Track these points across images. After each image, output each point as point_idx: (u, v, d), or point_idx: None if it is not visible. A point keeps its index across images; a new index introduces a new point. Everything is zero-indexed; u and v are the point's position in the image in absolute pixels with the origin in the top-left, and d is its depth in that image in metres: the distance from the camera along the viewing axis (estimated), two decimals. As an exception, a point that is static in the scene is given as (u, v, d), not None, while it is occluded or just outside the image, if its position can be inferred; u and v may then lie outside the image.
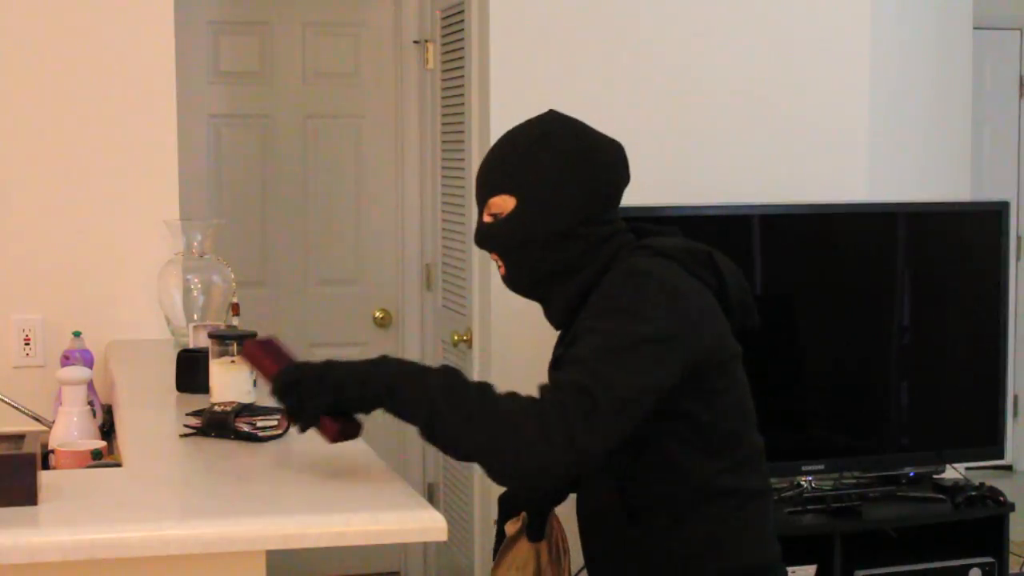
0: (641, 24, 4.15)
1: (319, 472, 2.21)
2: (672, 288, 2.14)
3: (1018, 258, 6.70)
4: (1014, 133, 6.93)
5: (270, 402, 2.55)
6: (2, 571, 1.81)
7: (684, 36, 4.19)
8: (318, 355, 5.33)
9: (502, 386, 2.18)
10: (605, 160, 2.28)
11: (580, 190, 2.24)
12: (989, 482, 4.04)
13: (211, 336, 2.70)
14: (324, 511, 1.94)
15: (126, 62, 3.61)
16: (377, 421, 5.31)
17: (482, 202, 2.31)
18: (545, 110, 2.42)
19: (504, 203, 2.27)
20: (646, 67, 4.15)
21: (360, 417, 2.10)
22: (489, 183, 2.29)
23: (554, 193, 2.24)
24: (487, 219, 2.31)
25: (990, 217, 4.09)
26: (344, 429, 2.06)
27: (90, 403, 2.73)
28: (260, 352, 2.14)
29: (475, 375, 4.16)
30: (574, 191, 2.24)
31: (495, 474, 2.03)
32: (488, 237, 2.31)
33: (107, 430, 2.92)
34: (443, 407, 1.99)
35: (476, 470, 4.16)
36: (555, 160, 2.25)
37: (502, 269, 2.33)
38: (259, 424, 2.35)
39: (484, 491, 4.12)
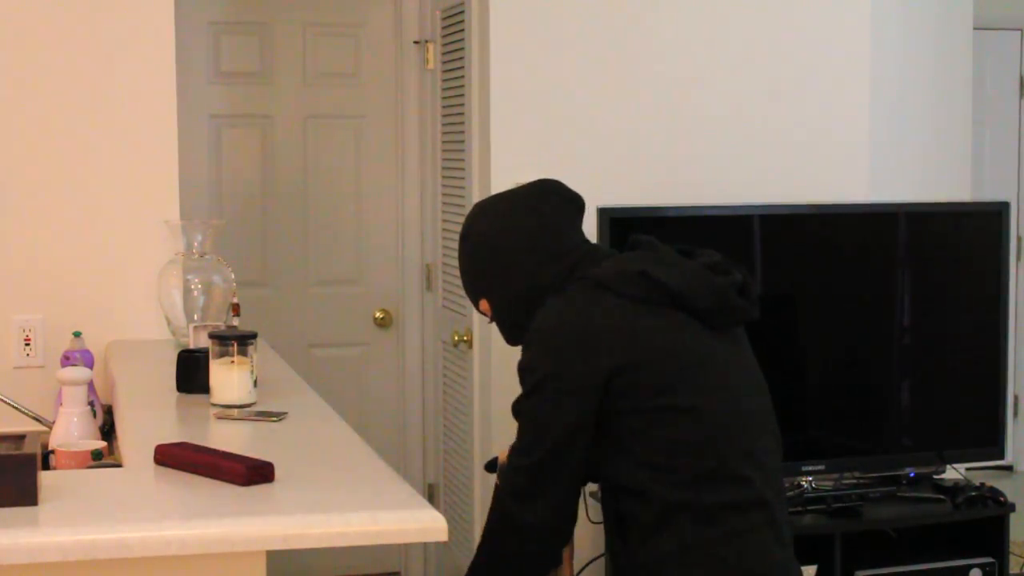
0: (641, 24, 4.15)
1: (319, 472, 2.21)
2: (551, 332, 2.31)
3: (1018, 258, 6.70)
4: (1014, 133, 6.93)
5: (271, 404, 2.56)
6: (2, 571, 1.81)
7: (684, 35, 4.19)
8: (318, 355, 5.34)
9: (502, 386, 2.21)
10: (531, 213, 2.44)
11: (521, 252, 2.43)
12: (989, 482, 4.04)
13: (211, 336, 2.71)
14: (324, 511, 1.94)
15: (126, 62, 3.61)
16: (377, 420, 5.29)
17: (478, 309, 2.58)
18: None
19: (486, 307, 2.53)
20: (646, 67, 4.15)
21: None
22: (470, 298, 2.57)
23: (506, 274, 2.44)
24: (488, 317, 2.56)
25: (990, 217, 4.09)
26: (252, 467, 2.07)
27: (90, 403, 2.73)
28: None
29: (475, 375, 4.16)
30: (517, 258, 2.43)
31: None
32: (501, 328, 2.55)
33: (107, 430, 2.92)
34: None
35: (477, 469, 4.16)
36: (483, 252, 2.47)
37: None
38: None
39: (484, 491, 4.11)
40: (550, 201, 2.47)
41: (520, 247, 2.43)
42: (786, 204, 4.01)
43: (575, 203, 2.49)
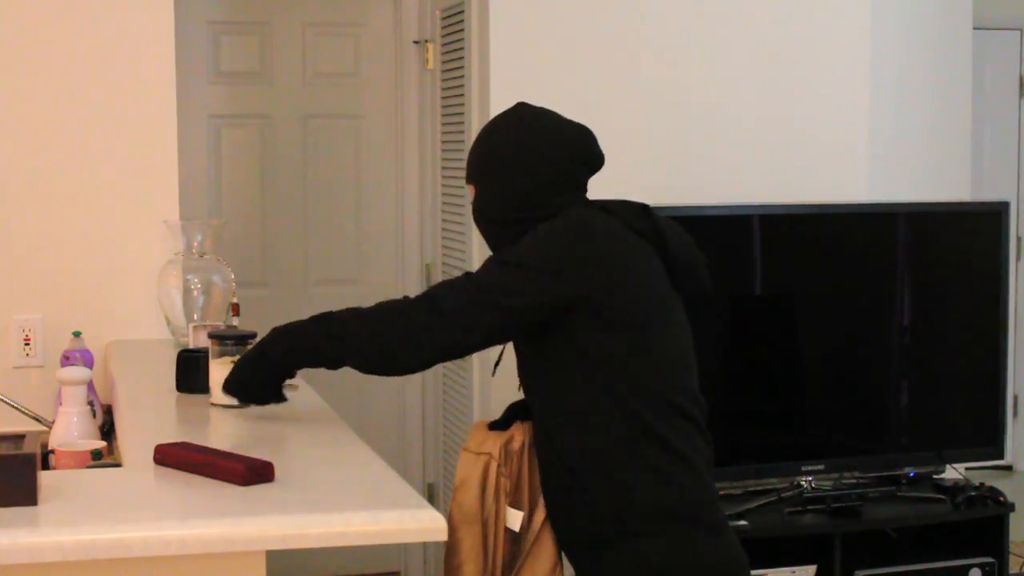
0: (641, 24, 4.15)
1: (319, 472, 2.21)
2: (579, 228, 2.35)
3: (1018, 258, 6.70)
4: (1014, 133, 6.93)
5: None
6: (2, 571, 1.81)
7: (684, 35, 4.19)
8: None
9: (502, 386, 2.19)
10: (558, 147, 2.46)
11: (526, 179, 2.44)
12: (989, 482, 4.03)
13: (211, 336, 2.71)
14: (324, 511, 1.94)
15: (126, 62, 3.61)
16: (377, 420, 5.29)
17: (465, 184, 2.61)
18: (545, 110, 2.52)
19: (471, 190, 2.55)
20: (646, 66, 4.15)
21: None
22: (466, 171, 2.59)
23: (502, 182, 2.46)
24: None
25: (990, 217, 4.09)
26: (252, 468, 2.07)
27: (90, 403, 2.73)
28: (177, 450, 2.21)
29: (474, 375, 4.16)
30: (521, 180, 2.44)
31: (367, 364, 2.41)
32: (473, 214, 2.57)
33: (107, 430, 2.92)
34: (320, 332, 2.44)
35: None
36: (502, 151, 2.47)
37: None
38: None
39: (484, 491, 4.11)
40: (586, 149, 2.52)
41: (534, 178, 2.44)
42: (786, 204, 4.00)
43: (592, 164, 2.56)
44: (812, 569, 3.73)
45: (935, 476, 4.05)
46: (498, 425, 2.52)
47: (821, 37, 4.30)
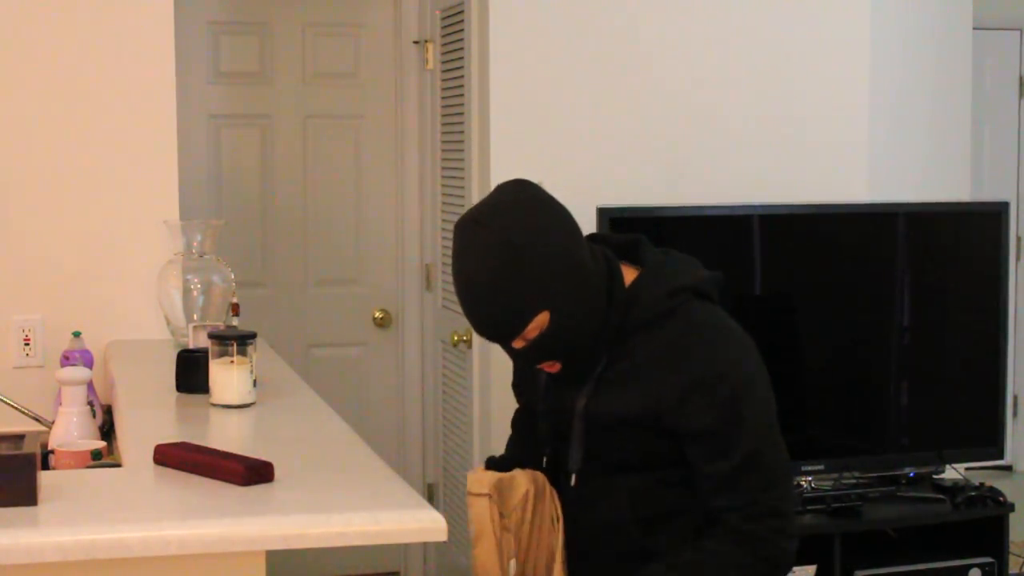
0: (641, 24, 4.15)
1: (319, 472, 2.21)
2: (737, 331, 2.29)
3: (1018, 258, 6.70)
4: (1014, 133, 6.93)
5: (272, 404, 2.55)
6: (2, 571, 1.81)
7: (684, 35, 4.19)
8: (318, 355, 5.32)
9: (501, 386, 2.18)
10: (563, 218, 2.22)
11: (571, 261, 2.19)
12: (989, 482, 4.04)
13: (211, 336, 2.71)
14: (324, 511, 1.94)
15: (126, 62, 3.61)
16: (377, 420, 5.27)
17: (513, 337, 2.24)
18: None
19: (540, 321, 2.20)
20: (646, 67, 4.15)
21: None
22: (515, 315, 2.20)
23: (567, 281, 2.19)
24: (521, 344, 2.25)
25: (990, 217, 4.09)
26: (252, 468, 2.08)
27: (90, 403, 2.73)
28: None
29: (475, 375, 4.16)
30: (570, 265, 2.19)
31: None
32: (540, 354, 2.26)
33: (107, 430, 2.92)
34: None
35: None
36: (543, 257, 2.17)
37: (555, 367, 2.30)
38: None
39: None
40: (558, 205, 2.25)
41: (573, 255, 2.20)
42: (786, 204, 4.01)
43: None
44: (812, 569, 3.73)
45: (935, 476, 4.05)
46: (496, 464, 2.42)
47: (821, 37, 4.31)
